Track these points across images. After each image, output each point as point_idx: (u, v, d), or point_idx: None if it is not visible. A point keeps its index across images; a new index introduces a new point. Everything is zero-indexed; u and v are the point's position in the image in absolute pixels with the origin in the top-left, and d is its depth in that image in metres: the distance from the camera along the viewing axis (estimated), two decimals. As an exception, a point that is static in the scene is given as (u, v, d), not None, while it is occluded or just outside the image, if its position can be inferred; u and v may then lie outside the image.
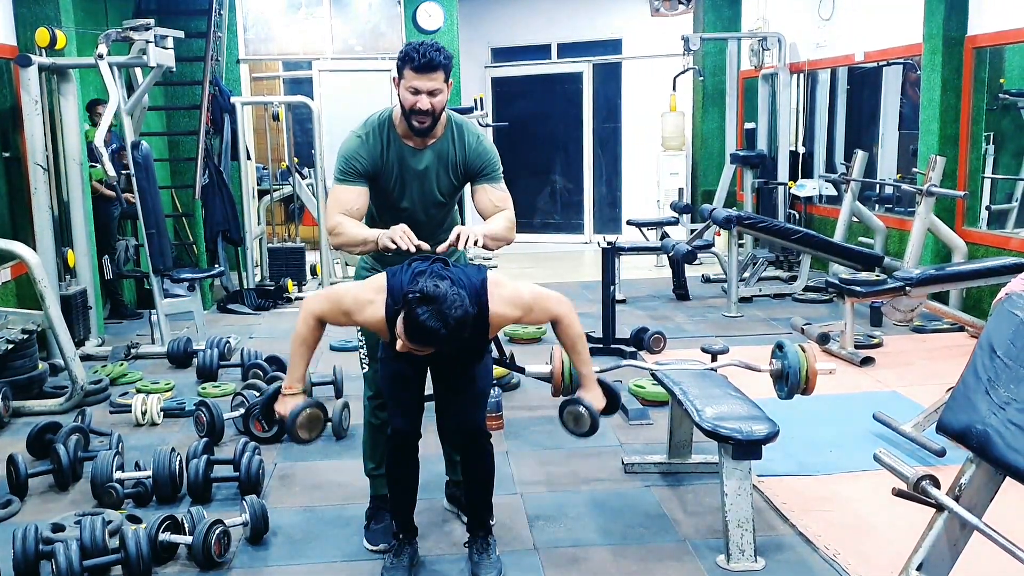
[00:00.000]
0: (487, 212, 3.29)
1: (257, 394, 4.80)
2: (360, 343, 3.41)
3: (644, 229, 8.85)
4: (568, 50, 11.78)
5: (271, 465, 4.23)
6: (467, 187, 3.37)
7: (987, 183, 6.98)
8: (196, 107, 8.11)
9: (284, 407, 3.01)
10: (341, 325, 3.03)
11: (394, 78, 3.15)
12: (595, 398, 3.13)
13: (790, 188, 8.93)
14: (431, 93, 3.07)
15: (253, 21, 9.83)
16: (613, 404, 3.21)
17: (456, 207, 3.48)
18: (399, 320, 2.72)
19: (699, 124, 10.73)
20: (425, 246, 3.00)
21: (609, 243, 6.16)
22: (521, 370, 4.75)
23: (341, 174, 3.20)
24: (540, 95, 11.89)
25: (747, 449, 3.20)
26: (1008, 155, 7.22)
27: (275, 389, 3.11)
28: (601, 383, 3.17)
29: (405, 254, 3.01)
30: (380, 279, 2.92)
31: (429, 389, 3.24)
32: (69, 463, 3.97)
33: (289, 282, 8.27)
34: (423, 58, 3.04)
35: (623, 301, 7.54)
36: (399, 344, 2.76)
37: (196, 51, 8.17)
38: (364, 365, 3.40)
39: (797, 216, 9.03)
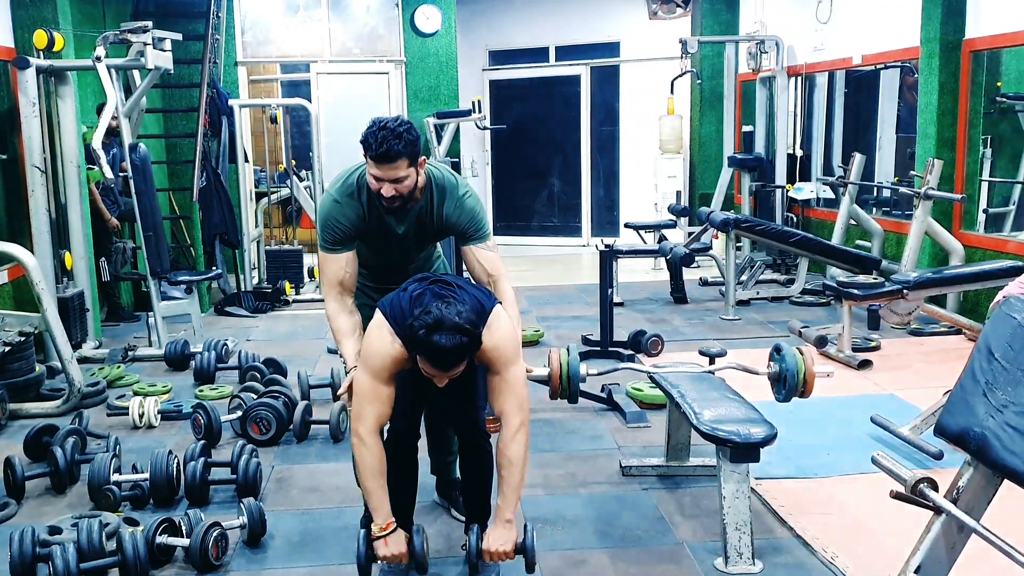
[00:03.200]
0: (478, 278, 3.17)
1: (254, 396, 4.79)
2: None
3: (642, 232, 8.86)
4: (566, 53, 11.78)
5: (268, 468, 4.23)
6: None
7: (984, 186, 7.00)
8: (194, 109, 8.10)
9: (394, 546, 2.88)
10: (394, 394, 2.91)
11: (365, 152, 2.97)
12: (496, 538, 2.89)
13: (788, 191, 8.94)
14: (395, 181, 2.92)
15: (251, 24, 9.83)
16: (525, 554, 2.90)
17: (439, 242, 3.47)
18: (420, 361, 2.71)
19: (697, 127, 10.74)
20: None
21: (607, 246, 6.16)
22: (519, 373, 4.74)
23: (325, 243, 3.14)
24: (538, 98, 11.90)
25: (745, 452, 3.20)
26: (1005, 158, 7.23)
27: (366, 537, 2.89)
28: (525, 530, 2.92)
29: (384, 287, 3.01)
30: (377, 316, 2.90)
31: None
32: (66, 465, 3.97)
33: (287, 284, 8.27)
34: (379, 147, 2.86)
35: (621, 304, 7.54)
36: (437, 381, 2.76)
37: (194, 53, 8.17)
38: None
39: (795, 219, 9.03)
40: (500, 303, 2.97)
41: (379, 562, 2.94)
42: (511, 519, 2.91)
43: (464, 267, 3.30)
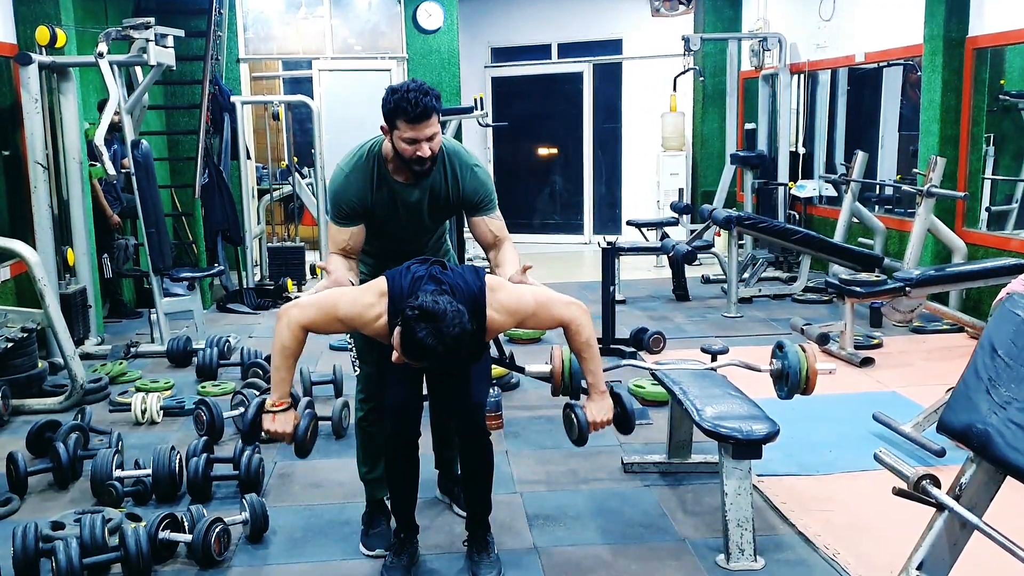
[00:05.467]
0: (487, 242, 3.25)
1: (257, 392, 4.80)
2: (350, 344, 3.39)
3: (644, 229, 8.87)
4: (568, 50, 11.78)
5: (271, 464, 4.23)
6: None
7: (987, 184, 6.98)
8: (196, 106, 8.11)
9: (281, 424, 2.90)
10: (331, 332, 2.94)
11: (382, 127, 3.02)
12: (598, 409, 3.05)
13: (790, 189, 8.93)
14: (430, 139, 2.96)
15: (253, 20, 9.83)
16: (623, 419, 3.10)
17: (447, 222, 3.48)
18: (395, 334, 2.71)
19: (699, 124, 10.74)
20: None
21: (609, 243, 6.16)
22: (521, 370, 4.74)
23: (334, 216, 3.17)
24: (540, 95, 11.90)
25: (747, 449, 3.19)
26: (1008, 156, 7.22)
27: (258, 406, 2.94)
28: (614, 395, 3.09)
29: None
30: (380, 283, 2.89)
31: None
32: (69, 461, 3.97)
33: (289, 281, 8.27)
34: (416, 108, 2.89)
35: (623, 301, 7.54)
36: (394, 356, 2.74)
37: (196, 50, 8.17)
38: (356, 367, 3.39)
39: (797, 217, 9.03)
40: (487, 272, 3.01)
41: (265, 435, 2.95)
42: (604, 390, 3.05)
43: (471, 235, 3.35)
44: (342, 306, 2.86)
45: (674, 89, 10.26)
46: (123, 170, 6.70)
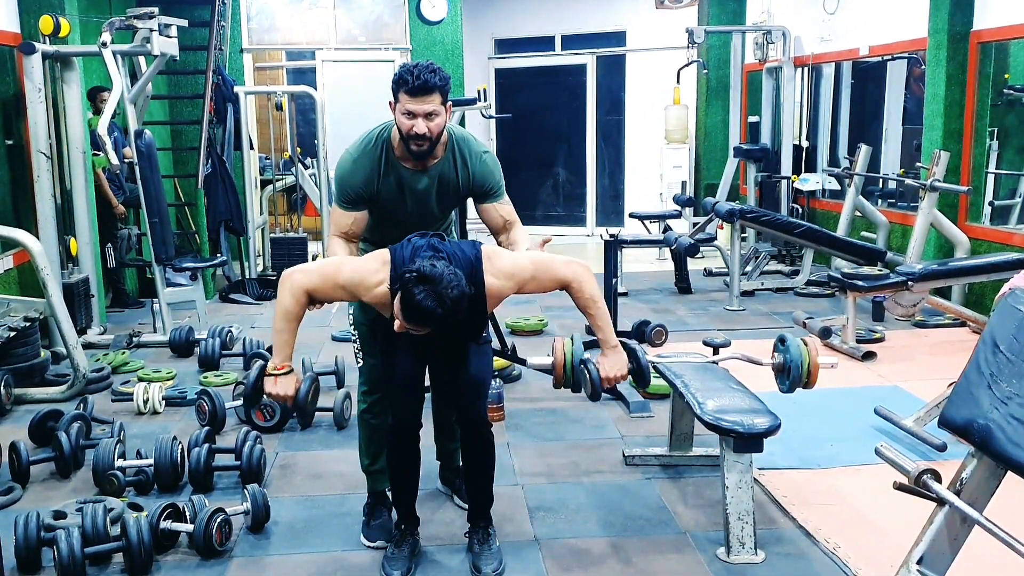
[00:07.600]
0: (496, 226, 3.31)
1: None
2: (353, 336, 3.40)
3: (647, 222, 8.85)
4: (572, 42, 11.75)
5: (272, 454, 4.24)
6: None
7: (991, 179, 6.97)
8: (199, 96, 8.09)
9: (283, 387, 2.94)
10: (332, 300, 2.96)
11: (390, 102, 3.06)
12: (611, 364, 3.07)
13: (793, 182, 8.93)
14: (427, 116, 2.97)
15: (257, 10, 9.81)
16: (638, 373, 3.15)
17: (453, 213, 3.50)
18: (396, 300, 2.72)
19: (703, 117, 10.72)
20: None
21: (611, 236, 6.16)
22: (523, 362, 4.75)
23: (339, 199, 3.18)
24: (543, 87, 11.88)
25: (748, 442, 3.20)
26: (1012, 151, 7.21)
27: (260, 369, 3.00)
28: (628, 349, 3.11)
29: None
30: (383, 253, 2.91)
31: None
32: (71, 451, 3.98)
33: (291, 272, 8.26)
34: (417, 80, 2.94)
35: (625, 294, 7.54)
36: (396, 324, 2.75)
37: (200, 40, 8.14)
38: (359, 359, 3.39)
39: (800, 210, 9.02)
40: (483, 244, 3.03)
41: (269, 398, 3.00)
42: (616, 345, 3.07)
43: (480, 221, 3.39)
44: (344, 272, 2.89)
45: (678, 82, 10.24)
46: (126, 160, 6.69)
